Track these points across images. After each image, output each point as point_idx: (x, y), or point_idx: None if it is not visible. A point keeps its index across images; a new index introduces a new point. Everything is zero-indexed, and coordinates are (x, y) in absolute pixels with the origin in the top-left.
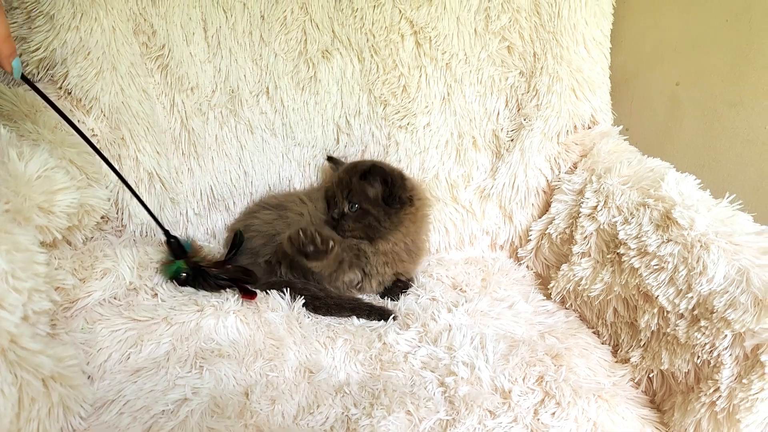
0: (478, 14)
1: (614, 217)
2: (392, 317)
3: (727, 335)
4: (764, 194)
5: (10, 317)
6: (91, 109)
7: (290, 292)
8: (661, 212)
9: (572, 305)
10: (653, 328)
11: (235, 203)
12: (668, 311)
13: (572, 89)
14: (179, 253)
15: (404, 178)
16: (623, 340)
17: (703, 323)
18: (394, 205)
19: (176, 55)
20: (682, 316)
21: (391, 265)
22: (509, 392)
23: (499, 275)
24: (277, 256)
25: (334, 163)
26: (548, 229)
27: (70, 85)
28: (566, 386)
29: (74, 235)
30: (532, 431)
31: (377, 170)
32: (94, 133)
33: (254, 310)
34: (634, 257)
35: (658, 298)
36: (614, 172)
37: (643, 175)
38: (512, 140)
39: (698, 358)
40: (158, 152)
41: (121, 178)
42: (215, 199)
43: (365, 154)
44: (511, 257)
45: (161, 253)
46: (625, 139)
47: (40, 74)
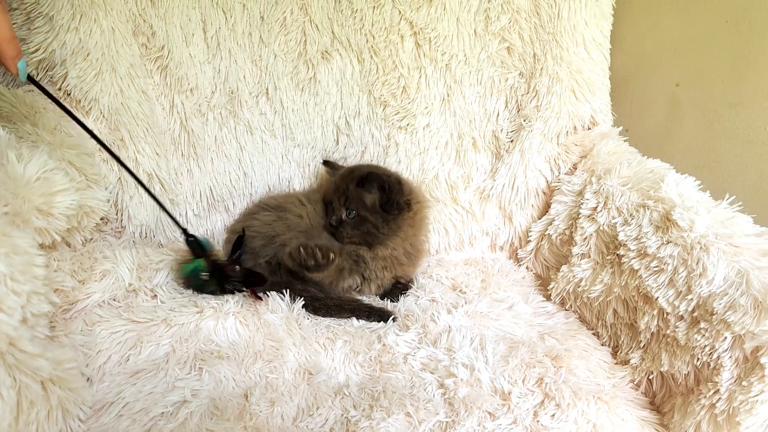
0: (477, 15)
1: (614, 218)
2: (392, 318)
3: (726, 337)
4: (764, 195)
5: (8, 320)
6: (90, 110)
7: (290, 293)
8: (660, 214)
9: (572, 306)
10: (653, 329)
11: (234, 204)
12: (668, 313)
13: (572, 90)
14: (198, 251)
15: (401, 182)
16: (623, 341)
17: (702, 325)
18: (391, 211)
19: (176, 56)
20: (681, 317)
21: (390, 269)
22: (509, 394)
23: (498, 276)
24: (277, 258)
25: (330, 167)
26: (548, 230)
27: (69, 86)
28: (566, 388)
29: (73, 236)
30: None
31: (374, 177)
32: None
33: (253, 311)
34: (633, 259)
35: (657, 299)
36: (614, 173)
37: (642, 176)
38: (512, 141)
39: (698, 360)
40: (158, 153)
41: (135, 178)
42: (215, 200)
43: (365, 154)
44: (510, 258)
45: (162, 254)
46: (624, 140)
47: (39, 75)
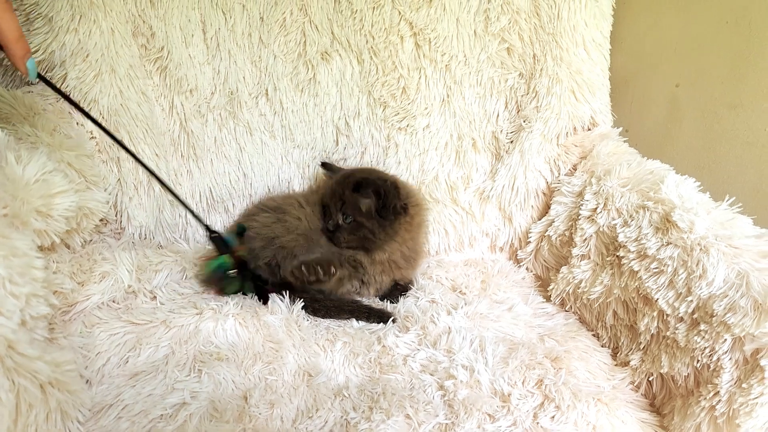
0: (477, 16)
1: (614, 219)
2: (391, 320)
3: (726, 339)
4: (764, 196)
5: (7, 323)
6: (89, 111)
7: (289, 294)
8: (660, 215)
9: (572, 308)
10: (653, 331)
11: (234, 205)
12: (668, 314)
13: (572, 91)
14: (223, 248)
15: (398, 187)
16: (623, 343)
17: (702, 327)
18: (387, 217)
19: (175, 57)
20: (681, 319)
21: (388, 273)
22: (508, 396)
23: (498, 277)
24: (276, 260)
25: (328, 169)
26: (548, 231)
27: (68, 87)
28: (566, 389)
29: (73, 238)
30: None
31: (369, 183)
32: (93, 135)
33: (253, 313)
34: (633, 260)
35: (657, 301)
36: (614, 174)
37: (642, 177)
38: (512, 142)
39: (698, 361)
40: (157, 154)
41: (155, 175)
42: (214, 200)
43: (364, 155)
44: (510, 259)
45: (161, 255)
46: (624, 140)
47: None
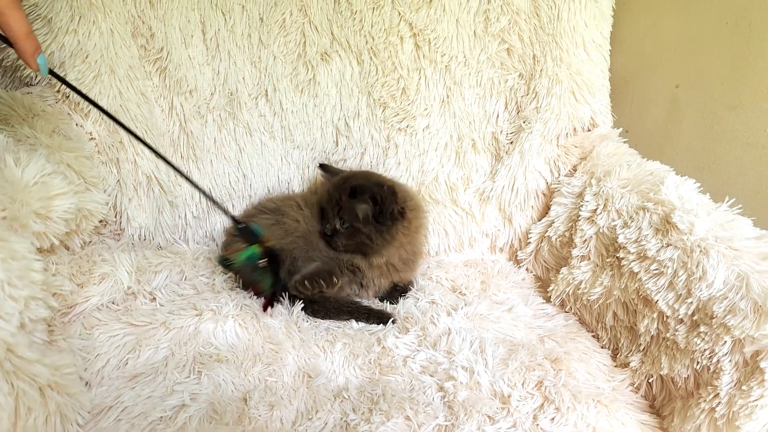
0: (477, 16)
1: (614, 220)
2: (391, 321)
3: (726, 341)
4: (764, 198)
5: (6, 326)
6: (89, 112)
7: (289, 295)
8: (660, 216)
9: (572, 308)
10: (653, 332)
11: (234, 206)
12: (668, 316)
13: (572, 92)
14: (251, 239)
15: (395, 191)
16: (623, 344)
17: (702, 329)
18: (385, 222)
19: (175, 57)
20: (681, 321)
21: (386, 276)
22: (508, 397)
23: (498, 278)
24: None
25: (326, 171)
26: (548, 231)
27: (68, 88)
28: (565, 391)
29: (72, 239)
30: None
31: (366, 189)
32: (92, 136)
33: (253, 314)
34: (633, 261)
35: (657, 302)
36: (614, 175)
37: (642, 178)
38: (512, 143)
39: (698, 363)
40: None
41: (179, 171)
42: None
43: (364, 156)
44: (510, 260)
45: (161, 256)
46: (624, 141)
47: (38, 77)
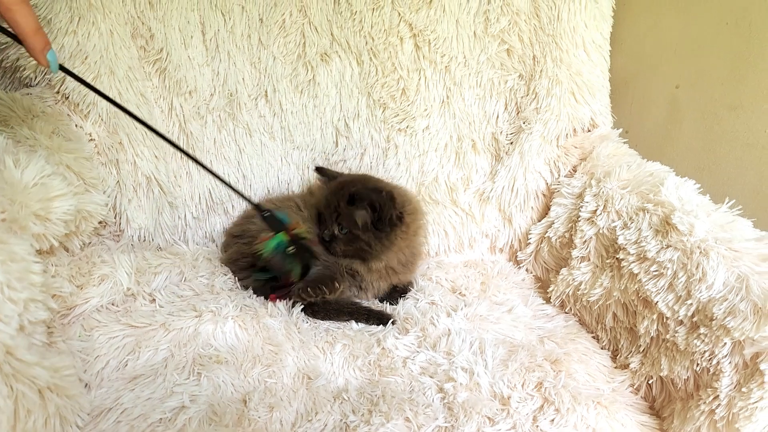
0: (477, 17)
1: (614, 221)
2: (391, 321)
3: (726, 343)
4: (764, 199)
5: (5, 329)
6: (88, 113)
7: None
8: (660, 217)
9: (571, 309)
10: (652, 334)
11: (233, 206)
12: (667, 317)
13: (572, 92)
14: (278, 226)
15: (393, 197)
16: (622, 345)
17: (702, 330)
18: (384, 229)
19: (174, 58)
20: (681, 322)
21: (385, 279)
22: (508, 398)
23: (498, 279)
24: None
25: (323, 174)
26: (548, 232)
27: (67, 89)
28: (565, 392)
29: (71, 241)
30: None
31: (364, 196)
32: (92, 137)
33: (252, 315)
34: (633, 262)
35: (657, 304)
36: (614, 176)
37: (642, 179)
38: (511, 143)
39: (697, 365)
40: (156, 156)
41: (201, 164)
42: (214, 202)
43: (364, 156)
44: (510, 260)
45: (160, 258)
46: (624, 142)
47: (37, 78)
